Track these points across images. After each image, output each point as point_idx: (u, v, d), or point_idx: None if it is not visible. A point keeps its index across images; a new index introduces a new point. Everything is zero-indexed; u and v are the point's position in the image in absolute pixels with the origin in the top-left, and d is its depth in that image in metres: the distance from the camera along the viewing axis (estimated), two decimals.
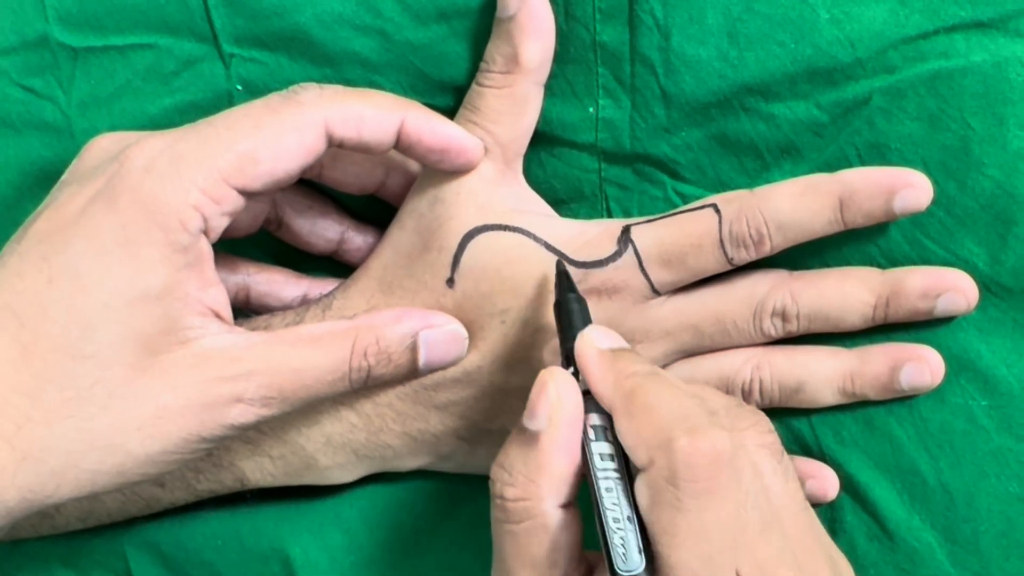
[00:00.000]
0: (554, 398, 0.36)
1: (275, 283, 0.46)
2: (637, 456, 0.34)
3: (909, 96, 0.40)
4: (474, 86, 0.42)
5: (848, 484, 0.44)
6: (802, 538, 0.36)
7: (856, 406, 0.43)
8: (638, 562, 0.34)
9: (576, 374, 0.37)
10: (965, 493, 0.43)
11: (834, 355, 0.43)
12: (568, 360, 0.37)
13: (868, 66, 0.40)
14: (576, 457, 0.36)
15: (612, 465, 0.35)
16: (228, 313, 0.40)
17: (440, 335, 0.42)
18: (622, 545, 0.34)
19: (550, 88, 0.43)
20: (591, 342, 0.37)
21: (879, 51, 0.40)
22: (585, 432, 0.36)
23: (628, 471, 0.35)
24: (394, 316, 0.41)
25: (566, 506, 0.36)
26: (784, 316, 0.42)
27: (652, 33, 0.41)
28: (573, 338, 0.37)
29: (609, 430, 0.36)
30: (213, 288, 0.39)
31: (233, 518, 0.48)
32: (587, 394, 0.36)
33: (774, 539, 0.35)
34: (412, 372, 0.42)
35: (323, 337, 0.40)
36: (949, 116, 0.40)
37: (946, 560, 0.43)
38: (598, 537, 0.35)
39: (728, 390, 0.43)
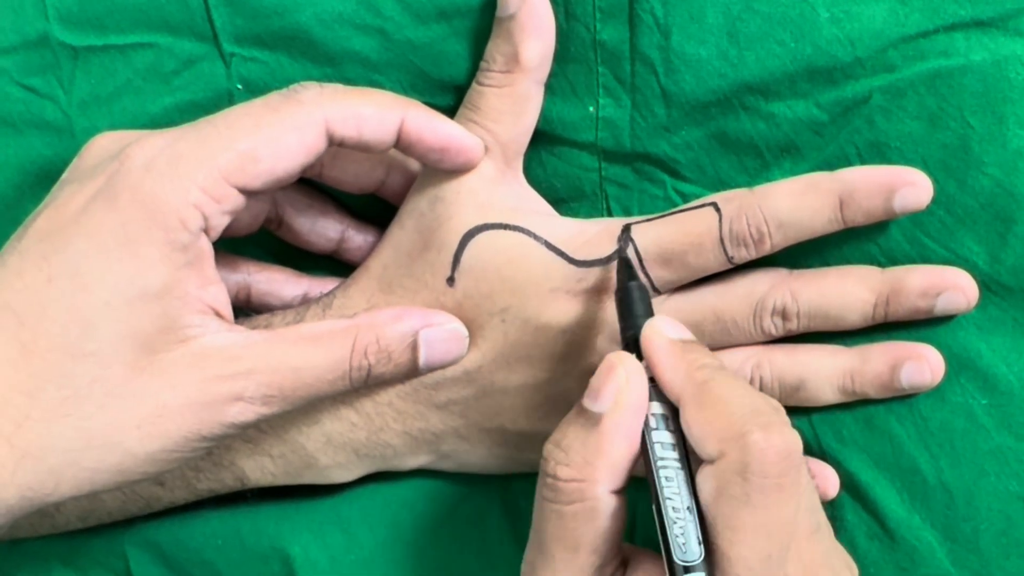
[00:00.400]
0: (622, 381, 0.35)
1: (276, 282, 0.46)
2: (705, 447, 0.34)
3: (909, 95, 0.40)
4: (474, 85, 0.42)
5: (848, 483, 0.44)
6: (833, 541, 0.37)
7: (856, 405, 0.43)
8: (697, 552, 0.34)
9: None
10: (965, 492, 0.43)
11: (834, 353, 0.43)
12: (629, 348, 0.37)
13: (868, 65, 0.40)
14: (636, 445, 0.36)
15: (673, 455, 0.35)
16: (228, 312, 0.40)
17: (440, 334, 0.42)
18: (682, 535, 0.34)
19: (550, 87, 0.43)
20: (660, 331, 0.37)
21: (879, 50, 0.40)
22: (646, 420, 0.36)
23: (688, 463, 0.35)
24: (394, 315, 0.41)
25: (616, 493, 0.35)
26: (784, 315, 0.42)
27: (652, 32, 0.41)
28: (636, 326, 0.37)
29: (671, 420, 0.36)
30: (213, 287, 0.39)
31: (233, 517, 0.48)
32: (649, 383, 0.36)
33: (822, 541, 0.35)
34: (412, 371, 0.42)
35: (323, 336, 0.40)
36: (949, 115, 0.40)
37: (946, 559, 0.43)
38: (655, 526, 0.35)
39: None
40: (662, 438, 0.36)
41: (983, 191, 0.41)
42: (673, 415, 0.36)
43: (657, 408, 0.36)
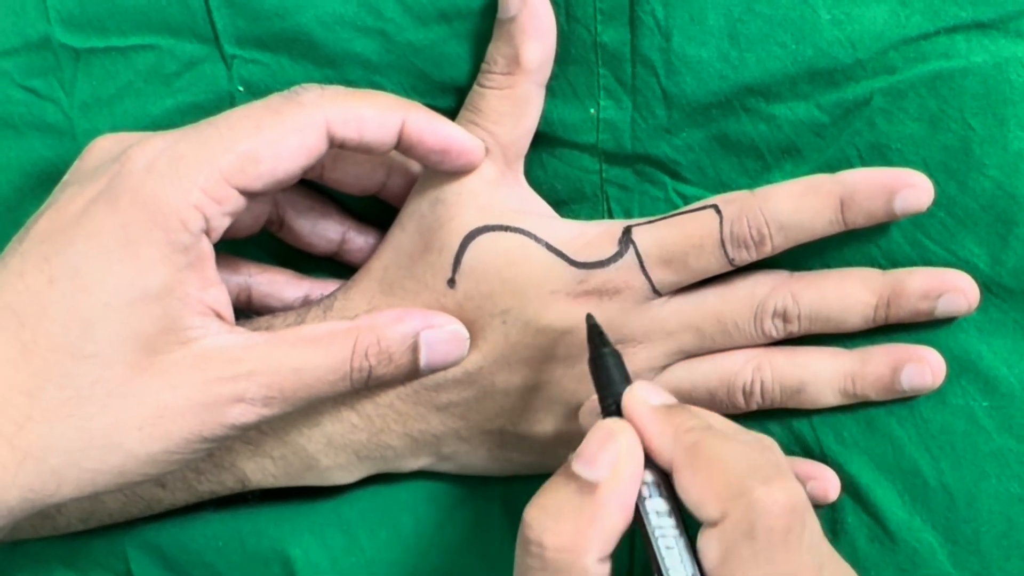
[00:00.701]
0: (623, 450, 0.34)
1: (277, 284, 0.46)
2: (706, 511, 0.33)
3: (910, 97, 0.40)
4: (475, 87, 0.42)
5: (849, 485, 0.44)
6: (834, 565, 0.36)
7: (857, 407, 0.43)
8: None
9: None
10: (966, 494, 0.43)
11: (835, 356, 0.43)
12: (608, 415, 0.36)
13: (869, 67, 0.40)
14: (630, 514, 0.34)
15: (670, 522, 0.34)
16: (229, 313, 0.40)
17: (441, 335, 0.42)
18: None
19: (551, 89, 0.43)
20: (643, 398, 0.36)
21: (880, 52, 0.40)
22: (639, 489, 0.35)
23: (689, 539, 0.34)
24: (395, 316, 0.41)
25: (604, 560, 0.34)
26: (785, 317, 0.42)
27: (653, 34, 0.41)
28: (615, 394, 0.36)
29: (663, 487, 0.35)
30: (214, 288, 0.39)
31: (234, 519, 0.48)
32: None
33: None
34: (413, 372, 0.42)
35: (324, 337, 0.40)
36: (950, 117, 0.40)
37: (947, 561, 0.43)
38: None
39: (729, 391, 0.43)
40: (657, 507, 0.35)
41: (984, 193, 0.41)
42: (665, 482, 0.35)
43: (649, 476, 0.35)
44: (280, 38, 0.44)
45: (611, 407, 0.37)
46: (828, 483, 0.44)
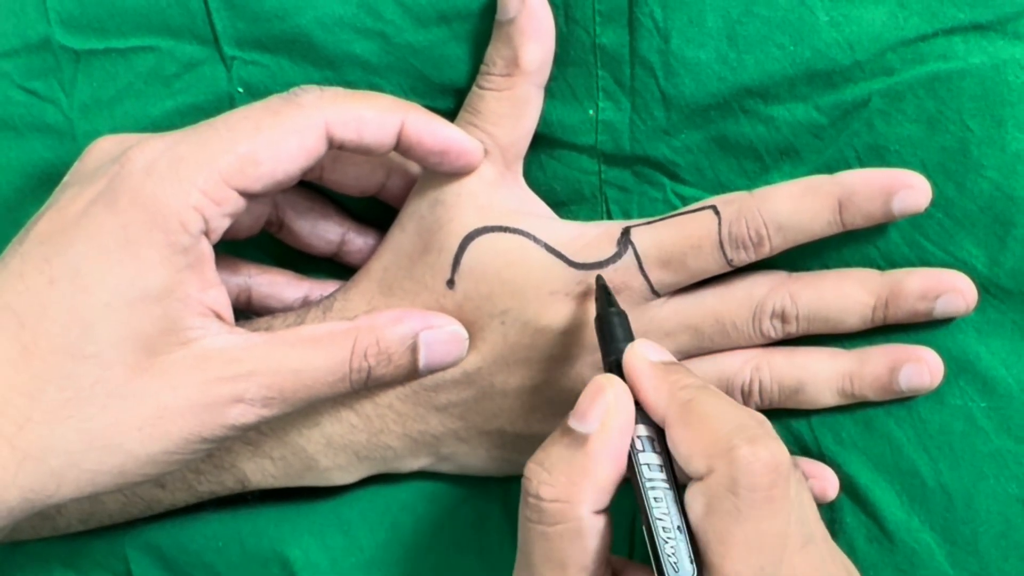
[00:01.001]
0: (611, 402, 0.35)
1: (277, 285, 0.46)
2: (693, 465, 0.34)
3: (908, 98, 0.40)
4: (474, 88, 0.42)
5: (847, 485, 0.44)
6: (828, 549, 0.37)
7: (855, 407, 0.43)
8: (689, 571, 0.34)
9: None
10: (964, 494, 0.43)
11: (833, 356, 0.43)
12: (611, 372, 0.37)
13: (867, 68, 0.40)
14: (621, 467, 0.35)
15: (661, 475, 0.35)
16: (229, 314, 0.40)
17: (440, 336, 0.42)
18: (673, 554, 0.34)
19: (550, 90, 0.43)
20: (642, 354, 0.37)
21: (878, 53, 0.40)
22: (632, 443, 0.36)
23: (675, 483, 0.35)
24: (394, 317, 0.41)
25: (601, 512, 0.35)
26: (783, 317, 0.42)
27: (652, 36, 0.42)
28: (617, 351, 0.37)
29: (657, 442, 0.36)
30: (214, 289, 0.39)
31: (234, 519, 0.48)
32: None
33: (813, 554, 0.35)
34: (412, 373, 0.42)
35: (323, 338, 0.40)
36: (948, 118, 0.40)
37: (945, 561, 0.43)
38: (647, 546, 0.34)
39: (728, 391, 0.43)
40: (649, 459, 0.35)
41: (982, 194, 0.41)
42: (659, 437, 0.36)
43: (643, 431, 0.36)
44: (280, 40, 0.44)
45: (612, 364, 0.37)
46: (827, 482, 0.44)
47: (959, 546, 0.43)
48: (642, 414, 0.36)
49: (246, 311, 0.46)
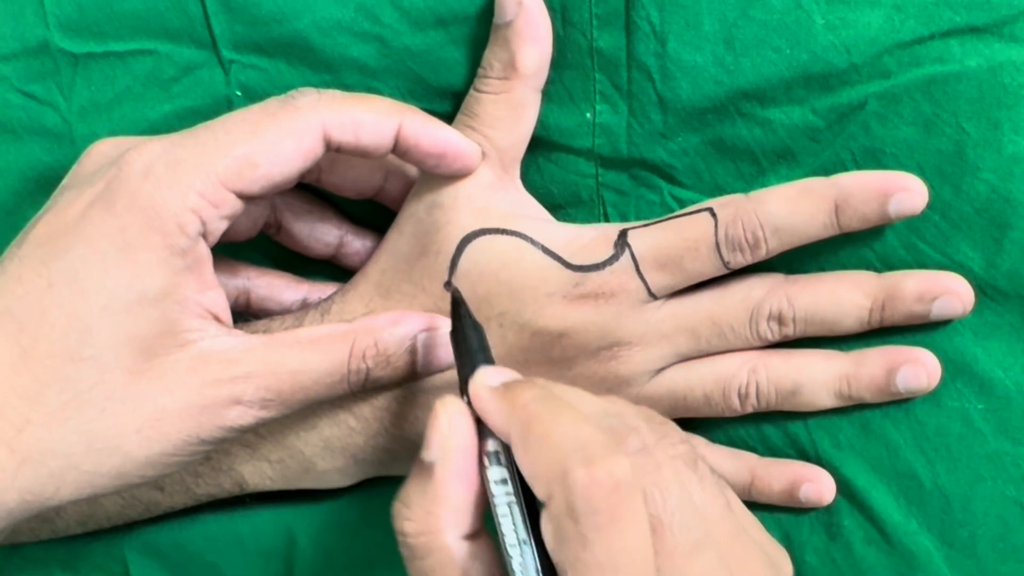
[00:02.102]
0: (445, 427, 0.35)
1: (275, 287, 0.46)
2: (537, 490, 0.33)
3: (904, 101, 0.41)
4: (472, 92, 0.42)
5: (845, 488, 0.44)
6: (732, 544, 0.35)
7: (852, 409, 0.43)
8: None
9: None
10: (961, 497, 0.43)
11: (830, 358, 0.43)
12: (464, 388, 0.36)
13: (864, 71, 0.41)
14: (475, 486, 0.34)
15: (507, 489, 0.34)
16: (227, 316, 0.40)
17: (438, 338, 0.42)
18: (520, 568, 0.33)
19: (547, 94, 0.43)
20: (482, 382, 0.35)
21: (875, 56, 0.40)
22: (481, 459, 0.35)
23: (529, 499, 0.34)
24: (392, 319, 0.41)
25: (473, 536, 0.34)
26: (780, 320, 0.42)
27: (648, 39, 0.42)
28: (470, 365, 0.36)
29: (504, 454, 0.35)
30: (211, 291, 0.39)
31: (232, 520, 0.48)
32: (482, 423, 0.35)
33: (706, 557, 0.33)
34: (410, 375, 0.42)
35: (321, 340, 0.40)
36: (944, 121, 0.40)
37: (943, 564, 0.43)
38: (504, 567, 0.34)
39: (725, 393, 0.43)
40: (496, 475, 0.34)
41: (979, 196, 0.41)
42: (510, 455, 0.34)
43: (491, 446, 0.35)
44: (278, 43, 0.44)
45: (465, 380, 0.36)
46: (823, 486, 0.44)
47: (957, 548, 0.43)
48: (492, 434, 0.35)
49: (244, 313, 0.46)
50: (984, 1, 0.39)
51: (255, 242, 0.46)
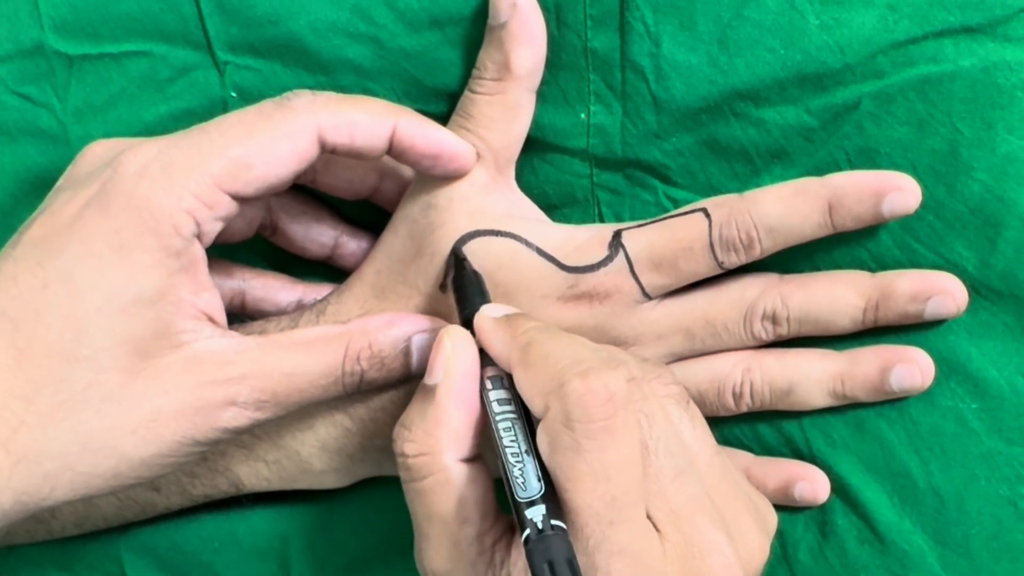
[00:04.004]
0: (449, 351, 0.36)
1: (270, 288, 0.46)
2: (535, 406, 0.34)
3: (898, 101, 0.41)
4: (466, 93, 0.42)
5: (839, 487, 0.44)
6: (718, 483, 0.37)
7: (847, 409, 0.44)
8: (537, 487, 0.34)
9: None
10: (955, 496, 0.43)
11: (824, 357, 0.43)
12: (466, 326, 0.38)
13: (858, 71, 0.41)
14: (475, 411, 0.36)
15: (509, 407, 0.36)
16: (222, 317, 0.40)
17: (432, 339, 0.42)
18: (521, 475, 0.34)
19: (542, 94, 0.43)
20: (486, 314, 0.37)
21: (868, 56, 0.40)
22: (482, 383, 0.36)
23: (529, 422, 0.36)
24: (387, 320, 0.41)
25: (470, 461, 0.36)
26: (774, 319, 0.42)
27: (643, 40, 0.42)
28: (471, 305, 0.38)
29: (506, 379, 0.36)
30: (206, 292, 0.39)
31: (228, 520, 0.48)
32: (485, 354, 0.37)
33: (689, 485, 0.35)
34: (405, 376, 0.42)
35: (316, 341, 0.40)
36: (938, 121, 0.40)
37: (936, 563, 0.43)
38: (503, 481, 0.35)
39: (719, 392, 0.43)
40: (498, 396, 0.36)
41: (972, 196, 0.41)
42: (511, 382, 0.36)
43: (492, 372, 0.37)
44: (273, 44, 0.44)
45: (466, 320, 0.38)
46: (817, 484, 0.44)
47: (950, 548, 0.43)
48: (492, 361, 0.37)
49: (240, 315, 0.46)
50: (978, 1, 0.39)
51: (251, 243, 0.46)
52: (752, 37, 0.41)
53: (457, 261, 0.41)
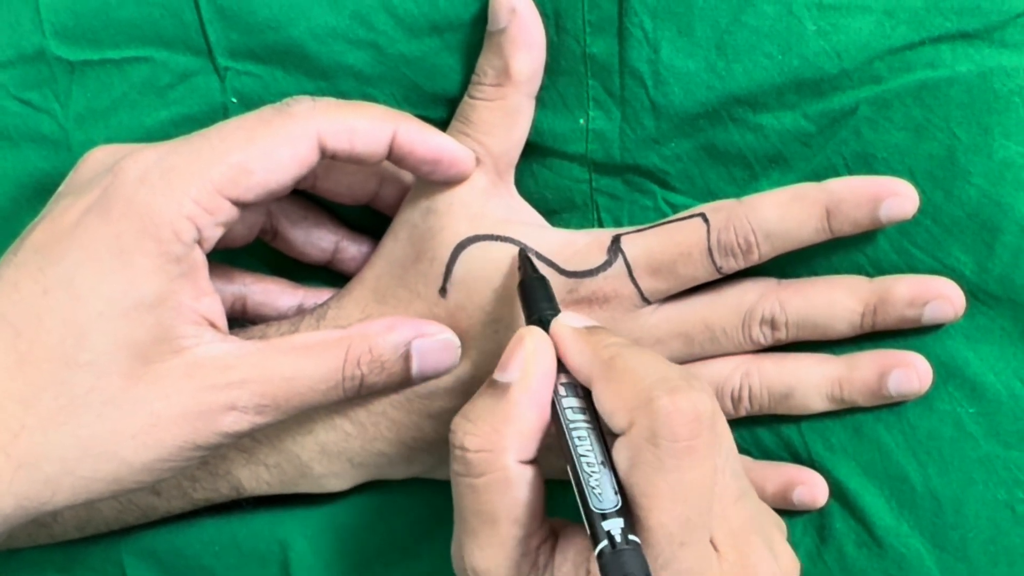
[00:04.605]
0: (530, 350, 0.36)
1: (271, 293, 0.46)
2: (617, 420, 0.34)
3: (895, 106, 0.41)
4: (466, 98, 0.43)
5: (837, 491, 0.44)
6: (758, 501, 0.37)
7: (845, 413, 0.44)
8: (613, 500, 0.33)
9: None
10: (953, 500, 0.43)
11: (823, 362, 0.43)
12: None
13: (855, 76, 0.41)
14: (545, 415, 0.36)
15: (584, 417, 0.35)
16: (222, 322, 0.40)
17: (432, 344, 0.42)
18: (598, 485, 0.34)
19: (541, 100, 0.43)
20: (566, 323, 0.37)
21: (865, 62, 0.40)
22: (556, 390, 0.36)
23: (602, 433, 0.35)
24: (387, 325, 0.42)
25: (528, 463, 0.36)
26: (773, 324, 0.42)
27: (641, 46, 0.42)
28: (540, 310, 0.38)
29: (580, 387, 0.36)
30: (207, 297, 0.39)
31: (229, 524, 0.48)
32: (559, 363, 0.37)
33: (748, 506, 0.35)
34: (405, 381, 0.42)
35: (316, 346, 0.40)
36: (935, 126, 0.41)
37: (934, 567, 0.43)
38: (573, 490, 0.34)
39: (718, 397, 0.43)
40: (572, 404, 0.36)
41: (969, 201, 0.41)
42: (585, 393, 0.36)
43: (566, 379, 0.36)
44: (273, 50, 0.44)
45: (536, 323, 0.38)
46: (816, 488, 0.44)
47: (948, 552, 0.43)
48: (568, 375, 0.36)
49: (241, 319, 0.46)
50: (975, 7, 0.40)
51: (251, 248, 0.46)
52: (750, 43, 0.41)
53: (523, 262, 0.41)
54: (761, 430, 0.45)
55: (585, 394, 0.36)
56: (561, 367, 0.36)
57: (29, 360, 0.37)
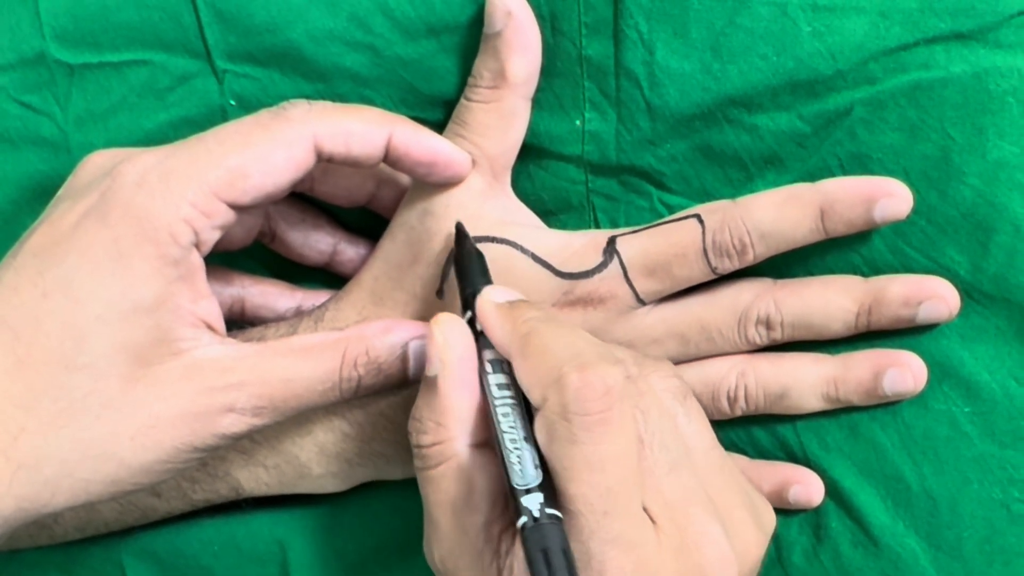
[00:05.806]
0: (441, 341, 0.37)
1: (269, 295, 0.47)
2: (533, 396, 0.35)
3: (890, 107, 0.41)
4: (462, 100, 0.43)
5: (832, 490, 0.44)
6: (714, 476, 0.38)
7: (840, 412, 0.44)
8: (534, 476, 0.34)
9: (473, 320, 0.38)
10: (948, 499, 0.43)
11: (818, 361, 0.43)
12: (465, 306, 0.39)
13: (849, 78, 0.41)
14: (477, 394, 0.37)
15: (509, 393, 0.36)
16: (220, 324, 0.40)
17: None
18: (518, 462, 0.34)
19: (537, 101, 0.43)
20: (489, 298, 0.38)
21: (860, 63, 0.41)
22: (482, 367, 0.37)
23: (527, 408, 0.36)
24: (384, 327, 0.42)
25: (479, 446, 0.37)
26: (768, 324, 0.42)
27: (637, 47, 0.42)
28: (472, 285, 0.39)
29: (506, 363, 0.37)
30: (205, 300, 0.39)
31: (228, 524, 0.49)
32: (484, 336, 0.37)
33: (684, 478, 0.36)
34: (402, 382, 0.42)
35: (313, 348, 0.41)
36: (929, 126, 0.41)
37: (930, 566, 0.43)
38: (502, 467, 0.35)
39: (714, 397, 0.44)
40: (499, 380, 0.37)
41: (964, 201, 0.41)
42: (511, 368, 0.37)
43: (491, 355, 0.37)
44: (271, 53, 0.44)
45: (468, 298, 0.39)
46: (812, 488, 0.44)
47: (944, 551, 0.43)
48: (492, 347, 0.37)
49: (240, 321, 0.46)
50: (969, 8, 0.40)
51: (249, 250, 0.46)
52: (745, 44, 0.41)
53: (459, 237, 0.41)
54: (757, 429, 0.45)
55: (511, 369, 0.37)
56: (486, 343, 0.37)
57: (28, 363, 0.37)
